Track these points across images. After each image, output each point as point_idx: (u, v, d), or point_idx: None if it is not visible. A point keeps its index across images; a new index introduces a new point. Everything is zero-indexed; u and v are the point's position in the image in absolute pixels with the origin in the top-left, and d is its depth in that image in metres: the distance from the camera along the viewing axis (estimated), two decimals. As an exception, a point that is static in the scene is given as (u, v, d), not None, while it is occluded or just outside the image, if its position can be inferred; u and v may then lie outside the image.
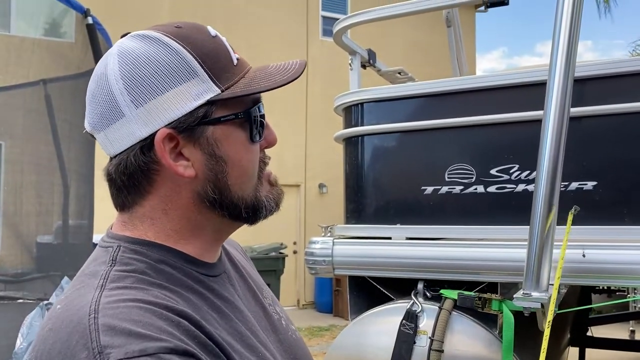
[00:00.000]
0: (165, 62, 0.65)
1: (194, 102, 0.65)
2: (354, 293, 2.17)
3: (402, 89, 2.18)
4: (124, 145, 0.67)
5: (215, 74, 0.66)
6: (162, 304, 0.59)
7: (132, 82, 0.65)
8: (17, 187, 4.07)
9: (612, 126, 1.84)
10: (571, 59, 1.58)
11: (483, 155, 1.99)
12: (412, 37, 10.57)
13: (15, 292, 3.77)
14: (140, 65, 0.65)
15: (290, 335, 0.81)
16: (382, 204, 2.21)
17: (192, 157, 0.67)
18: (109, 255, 0.66)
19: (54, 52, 4.10)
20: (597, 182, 1.80)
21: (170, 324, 0.57)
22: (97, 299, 0.58)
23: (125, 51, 0.66)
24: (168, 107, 0.65)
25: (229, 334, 0.65)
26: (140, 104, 0.65)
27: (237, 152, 0.69)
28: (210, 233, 0.72)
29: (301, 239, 9.37)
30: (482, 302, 1.77)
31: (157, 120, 0.65)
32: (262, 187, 0.72)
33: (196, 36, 0.68)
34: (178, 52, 0.65)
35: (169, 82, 0.65)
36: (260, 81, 0.68)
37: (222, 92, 0.66)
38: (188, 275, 0.68)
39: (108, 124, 0.67)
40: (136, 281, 0.62)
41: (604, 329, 3.78)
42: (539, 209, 1.55)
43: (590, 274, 1.67)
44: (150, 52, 0.65)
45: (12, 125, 4.00)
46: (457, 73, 3.18)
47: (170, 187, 0.68)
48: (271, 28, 9.39)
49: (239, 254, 0.90)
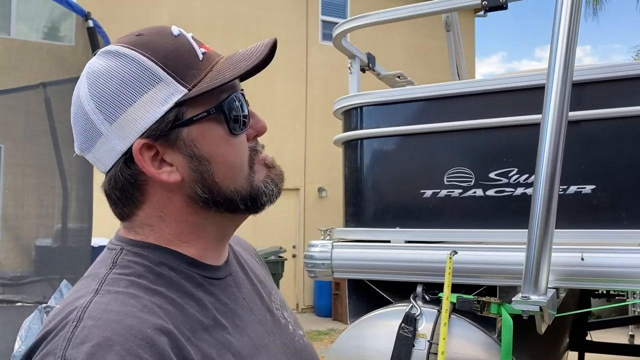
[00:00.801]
0: (128, 73, 0.66)
1: (162, 107, 0.66)
2: (353, 296, 2.17)
3: (402, 93, 2.19)
4: (110, 162, 0.68)
5: (180, 75, 0.66)
6: (145, 319, 0.59)
7: (101, 100, 0.66)
8: (16, 190, 4.07)
9: (611, 130, 1.84)
10: (569, 62, 1.59)
11: (482, 158, 1.99)
12: (412, 42, 10.59)
13: (14, 295, 3.77)
14: (105, 82, 0.66)
15: (297, 340, 0.80)
16: (381, 207, 2.21)
17: (174, 161, 0.67)
18: (112, 257, 0.68)
19: (54, 55, 4.11)
20: (596, 186, 1.81)
21: (143, 345, 0.56)
22: (85, 305, 0.59)
23: (91, 71, 0.68)
24: (138, 118, 0.66)
25: (216, 347, 0.64)
26: (113, 120, 0.66)
27: (218, 148, 0.68)
28: (213, 232, 0.72)
29: (300, 243, 9.36)
30: (481, 306, 1.77)
31: (131, 132, 0.66)
32: (256, 175, 0.72)
33: (156, 40, 0.68)
34: (138, 60, 0.66)
35: (134, 93, 0.66)
36: (227, 71, 0.67)
37: (189, 91, 0.66)
38: (188, 279, 0.68)
39: (92, 144, 0.69)
40: (130, 285, 0.63)
41: (603, 333, 3.77)
42: (537, 213, 1.55)
43: (588, 277, 1.67)
44: (112, 67, 0.67)
45: (12, 128, 4.00)
46: (456, 77, 3.19)
47: (161, 194, 0.69)
48: (271, 32, 9.41)
49: (251, 257, 0.90)
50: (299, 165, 9.59)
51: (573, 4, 1.59)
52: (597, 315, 5.73)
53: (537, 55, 46.70)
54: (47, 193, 4.10)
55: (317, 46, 10.08)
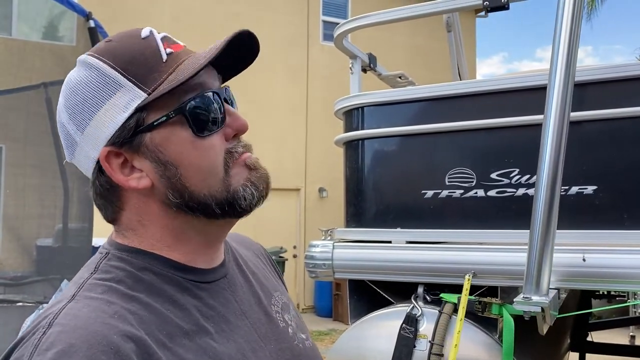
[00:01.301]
0: (92, 82, 0.66)
1: (123, 113, 0.65)
2: (354, 297, 2.17)
3: (403, 93, 2.19)
4: (89, 169, 0.69)
5: (140, 79, 0.65)
6: (112, 325, 0.58)
7: (72, 110, 0.67)
8: (17, 190, 4.07)
9: (613, 130, 1.84)
10: (571, 63, 1.59)
11: (483, 159, 1.99)
12: (413, 43, 10.60)
13: (15, 295, 3.77)
14: (74, 92, 0.67)
15: (296, 345, 0.78)
16: (382, 208, 2.21)
17: (143, 167, 0.67)
18: (96, 262, 0.68)
19: (55, 55, 4.11)
20: (597, 187, 1.80)
21: (107, 352, 0.56)
22: (58, 311, 0.60)
23: (66, 82, 0.70)
24: (103, 125, 0.66)
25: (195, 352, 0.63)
26: (83, 129, 0.67)
27: (184, 152, 0.66)
28: (196, 237, 0.71)
29: (301, 243, 9.36)
30: (482, 306, 1.77)
31: (98, 140, 0.67)
32: (233, 178, 0.69)
33: (122, 46, 0.68)
34: (100, 69, 0.66)
35: (97, 101, 0.66)
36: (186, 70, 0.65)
37: (148, 95, 0.65)
38: (172, 283, 0.67)
39: (72, 152, 0.70)
40: (107, 291, 0.63)
41: (604, 334, 3.77)
42: (539, 213, 1.55)
43: (590, 278, 1.67)
44: (80, 76, 0.68)
45: (14, 128, 4.01)
46: (457, 78, 3.19)
47: (137, 200, 0.69)
48: (272, 32, 9.42)
49: (256, 257, 0.88)
50: (299, 165, 9.59)
51: (575, 4, 1.59)
52: (597, 316, 5.72)
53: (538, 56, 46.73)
54: (48, 193, 4.11)
55: (317, 46, 10.08)
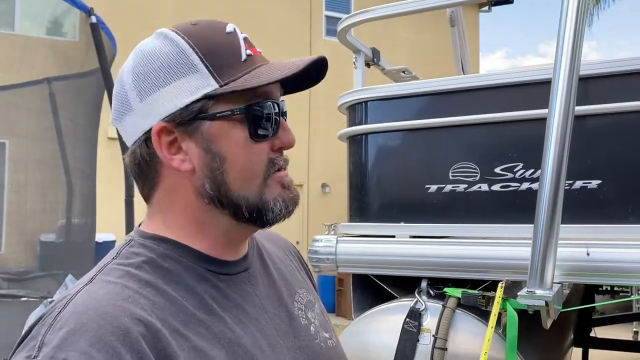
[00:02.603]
0: (168, 57, 0.67)
1: (190, 96, 0.66)
2: (357, 291, 2.17)
3: (406, 87, 2.18)
4: (134, 137, 0.69)
5: (217, 69, 0.66)
6: (124, 307, 0.59)
7: (138, 77, 0.67)
8: (21, 186, 4.08)
9: (617, 125, 1.84)
10: (576, 56, 1.58)
11: (487, 153, 1.99)
12: (416, 38, 10.57)
13: (19, 290, 3.79)
14: (147, 60, 0.67)
15: (317, 343, 0.77)
16: (386, 202, 2.21)
17: (189, 151, 0.67)
18: (119, 248, 0.69)
19: (57, 51, 4.11)
20: (602, 181, 1.80)
21: (116, 333, 0.57)
22: (75, 293, 0.61)
23: (139, 48, 0.70)
24: (166, 101, 0.66)
25: (209, 341, 0.63)
26: (144, 98, 0.67)
27: (235, 150, 0.67)
28: (219, 234, 0.71)
29: (304, 239, 9.37)
30: (486, 301, 1.77)
31: (155, 113, 0.67)
32: (268, 189, 0.70)
33: (206, 32, 0.68)
34: (181, 47, 0.67)
35: (169, 77, 0.66)
36: (262, 76, 0.67)
37: (220, 87, 0.66)
38: (192, 272, 0.68)
39: (122, 116, 0.70)
40: (123, 275, 0.64)
41: (607, 329, 3.77)
42: (543, 207, 1.55)
43: (594, 272, 1.67)
44: (157, 48, 0.68)
45: (16, 123, 4.01)
46: (461, 72, 3.18)
47: (173, 180, 0.69)
48: (274, 27, 9.40)
49: (284, 254, 0.88)
50: (302, 161, 9.59)
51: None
52: (601, 312, 5.72)
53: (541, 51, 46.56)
54: (51, 189, 4.11)
55: (320, 42, 10.06)
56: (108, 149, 5.68)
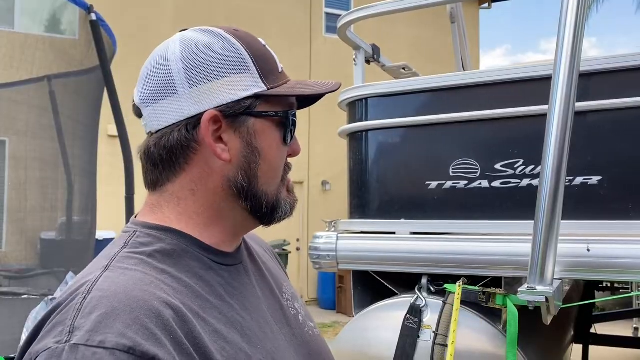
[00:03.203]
0: (224, 53, 0.72)
1: (243, 92, 0.71)
2: (357, 288, 2.17)
3: (407, 84, 2.18)
4: (170, 121, 0.71)
5: (264, 74, 0.73)
6: (151, 292, 0.61)
7: (191, 64, 0.71)
8: (21, 184, 4.09)
9: (618, 121, 1.83)
10: (577, 52, 1.58)
11: (487, 150, 1.99)
12: (416, 35, 10.55)
13: (20, 287, 3.79)
14: (201, 51, 0.71)
15: (306, 332, 0.83)
16: (386, 199, 2.21)
17: (230, 142, 0.72)
18: (125, 239, 0.70)
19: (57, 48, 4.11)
20: (602, 177, 1.80)
21: (149, 315, 0.58)
22: (95, 279, 0.62)
23: (188, 39, 0.73)
24: (219, 92, 0.71)
25: (225, 324, 0.66)
26: (195, 85, 0.70)
27: (270, 148, 0.74)
28: (230, 225, 0.75)
29: (304, 236, 9.37)
30: (487, 297, 1.78)
31: (207, 101, 0.70)
32: (281, 189, 0.77)
33: (250, 40, 0.75)
34: (236, 47, 0.73)
35: (224, 70, 0.71)
36: (302, 88, 0.76)
37: (267, 89, 0.73)
38: (198, 261, 0.71)
39: (159, 99, 0.71)
40: (139, 263, 0.66)
41: (607, 326, 3.77)
42: (543, 203, 1.55)
43: (595, 268, 1.67)
44: (211, 42, 0.72)
45: (17, 121, 4.01)
46: (461, 69, 3.17)
47: (203, 168, 0.72)
48: (274, 24, 9.39)
49: (264, 251, 0.93)
50: (302, 158, 9.58)
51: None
52: (601, 308, 5.73)
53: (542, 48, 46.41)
54: (52, 186, 4.11)
55: (321, 39, 10.05)
56: (108, 146, 5.68)
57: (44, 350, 0.55)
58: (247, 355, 0.66)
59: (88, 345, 0.54)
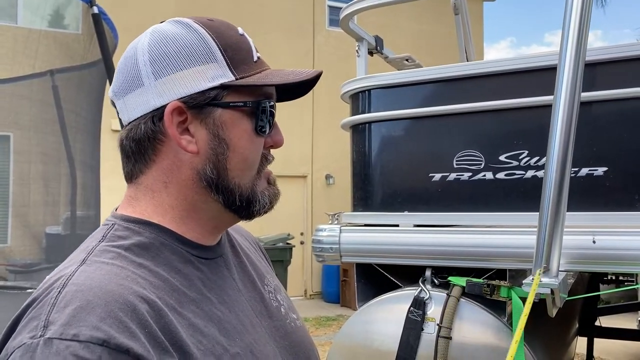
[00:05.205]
0: (190, 43, 0.71)
1: (208, 83, 0.70)
2: (361, 281, 2.17)
3: (410, 75, 2.16)
4: (138, 113, 0.71)
5: (233, 64, 0.71)
6: (127, 286, 0.61)
7: (156, 56, 0.70)
8: (25, 178, 4.09)
9: (623, 111, 1.81)
10: (582, 42, 1.56)
11: (492, 141, 1.97)
12: (418, 27, 10.50)
13: (25, 282, 3.80)
14: (167, 42, 0.71)
15: (288, 323, 0.83)
16: (389, 191, 2.19)
17: (197, 134, 0.71)
18: (103, 232, 0.70)
19: (60, 43, 4.10)
20: (608, 168, 1.78)
21: (124, 309, 0.58)
22: (71, 273, 0.62)
23: (157, 30, 0.73)
24: (183, 83, 0.70)
25: (202, 318, 0.66)
26: (160, 76, 0.70)
27: (240, 139, 0.72)
28: (206, 218, 0.74)
29: (308, 230, 9.38)
30: (491, 289, 1.76)
31: (171, 92, 0.70)
32: (259, 182, 0.75)
33: (224, 29, 0.74)
34: (203, 37, 0.71)
35: (189, 61, 0.70)
36: (274, 77, 0.73)
37: (235, 79, 0.71)
38: (176, 255, 0.70)
39: (128, 91, 0.72)
40: (116, 257, 0.66)
41: (612, 318, 3.76)
42: (548, 195, 1.53)
43: (600, 260, 1.66)
44: (178, 33, 0.72)
45: (20, 116, 4.01)
46: (465, 61, 3.15)
47: (172, 160, 0.71)
48: (277, 17, 9.35)
49: (248, 243, 0.92)
50: (305, 152, 9.57)
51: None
52: (606, 301, 5.71)
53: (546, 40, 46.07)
54: (55, 181, 4.12)
55: (323, 32, 10.01)
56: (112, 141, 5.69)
57: (19, 346, 0.55)
58: (224, 348, 0.66)
59: (62, 339, 0.54)
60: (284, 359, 0.76)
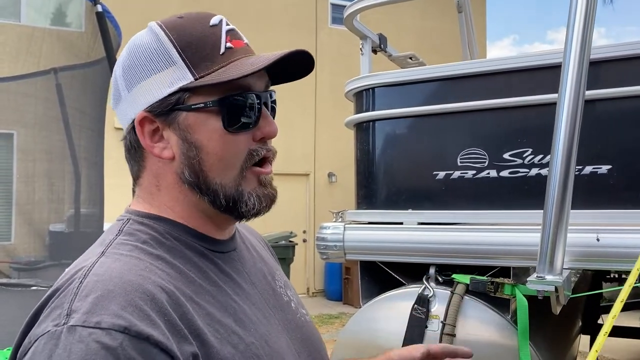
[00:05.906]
0: (150, 50, 0.71)
1: (167, 89, 0.69)
2: (365, 278, 2.17)
3: (414, 73, 2.16)
4: (124, 124, 0.75)
5: (194, 63, 0.69)
6: (146, 276, 0.62)
7: (126, 68, 0.72)
8: (29, 176, 4.10)
9: (627, 109, 1.81)
10: (587, 40, 1.56)
11: (496, 139, 1.97)
12: (422, 26, 10.48)
13: (29, 279, 3.82)
14: (134, 52, 0.72)
15: (298, 317, 0.84)
16: (393, 189, 2.20)
17: (170, 140, 0.71)
18: (119, 226, 0.72)
19: (64, 41, 4.10)
20: (612, 166, 1.78)
21: (144, 298, 0.59)
22: (91, 265, 0.63)
23: (131, 40, 0.74)
24: (147, 92, 0.70)
25: (219, 309, 0.68)
26: (130, 88, 0.72)
27: (210, 140, 0.70)
28: (205, 217, 0.75)
29: (311, 228, 9.38)
30: (495, 287, 1.77)
31: (138, 103, 0.71)
32: (245, 182, 0.72)
33: (189, 26, 0.71)
34: (161, 41, 0.70)
35: (150, 69, 0.70)
36: (236, 69, 0.69)
37: (195, 80, 0.69)
38: (191, 249, 0.72)
39: (116, 103, 0.75)
40: (133, 249, 0.67)
41: (615, 316, 3.75)
42: (553, 193, 1.53)
43: (604, 258, 1.66)
44: (143, 40, 0.72)
45: (24, 114, 4.02)
46: (468, 59, 3.15)
47: (158, 166, 0.73)
48: (280, 15, 9.35)
49: (257, 241, 0.94)
50: (308, 150, 9.58)
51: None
52: (609, 299, 5.70)
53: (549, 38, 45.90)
54: (59, 179, 4.13)
55: (326, 30, 10.00)
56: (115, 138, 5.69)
57: (43, 334, 0.57)
58: (240, 337, 0.67)
59: (85, 326, 0.56)
60: (297, 350, 0.77)
